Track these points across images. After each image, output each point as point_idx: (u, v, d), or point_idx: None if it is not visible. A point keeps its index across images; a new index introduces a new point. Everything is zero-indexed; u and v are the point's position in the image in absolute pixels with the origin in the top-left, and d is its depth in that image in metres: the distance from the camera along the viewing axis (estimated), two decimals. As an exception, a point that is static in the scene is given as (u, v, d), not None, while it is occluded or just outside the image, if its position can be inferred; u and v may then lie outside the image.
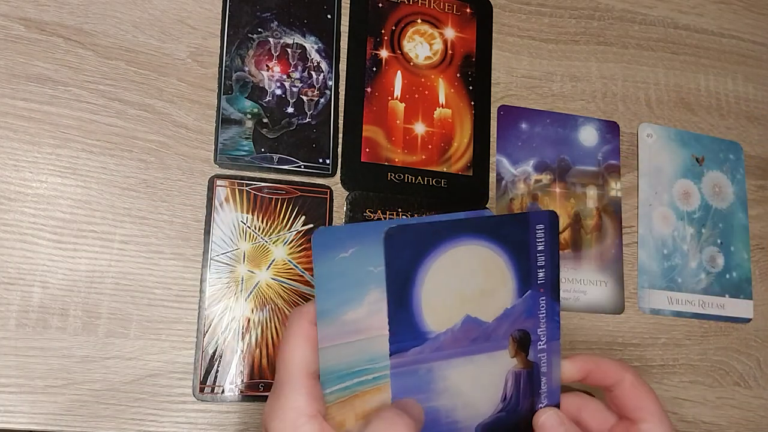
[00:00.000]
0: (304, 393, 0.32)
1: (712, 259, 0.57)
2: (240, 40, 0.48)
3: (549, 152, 0.54)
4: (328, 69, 0.50)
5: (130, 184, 0.45)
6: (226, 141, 0.47)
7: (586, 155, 0.55)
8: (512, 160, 0.53)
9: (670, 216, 0.57)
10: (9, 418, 0.40)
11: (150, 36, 0.47)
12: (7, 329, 0.41)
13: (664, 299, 0.55)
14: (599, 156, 0.55)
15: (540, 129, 0.54)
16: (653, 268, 0.55)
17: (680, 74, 0.60)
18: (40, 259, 0.42)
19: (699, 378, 0.54)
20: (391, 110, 0.51)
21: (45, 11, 0.45)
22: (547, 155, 0.54)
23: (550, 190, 0.53)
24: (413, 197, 0.50)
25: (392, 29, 0.52)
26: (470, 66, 0.54)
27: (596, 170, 0.55)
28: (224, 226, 0.45)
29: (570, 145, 0.55)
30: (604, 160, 0.55)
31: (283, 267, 0.46)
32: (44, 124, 0.44)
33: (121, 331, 0.43)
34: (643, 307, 0.54)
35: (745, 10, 0.64)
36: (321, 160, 0.48)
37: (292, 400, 0.31)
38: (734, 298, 0.57)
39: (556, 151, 0.54)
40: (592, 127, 0.56)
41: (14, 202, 0.43)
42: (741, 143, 0.60)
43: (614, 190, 0.55)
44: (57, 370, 0.41)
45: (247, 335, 0.45)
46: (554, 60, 0.57)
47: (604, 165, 0.55)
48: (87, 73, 0.45)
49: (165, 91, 0.46)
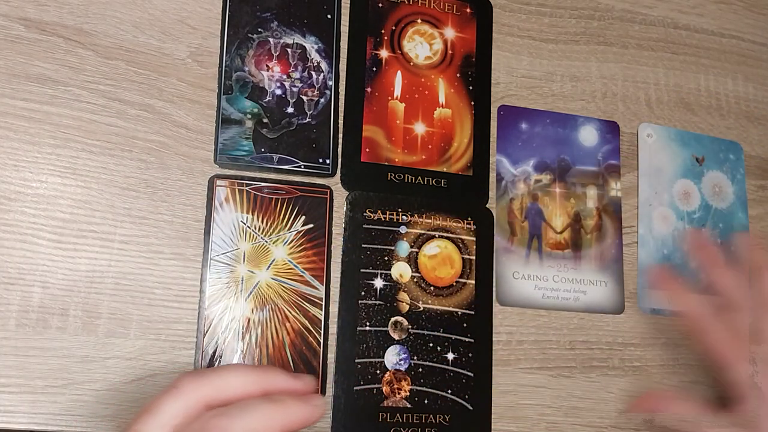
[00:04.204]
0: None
1: (713, 259, 0.57)
2: (240, 40, 0.48)
3: (549, 152, 0.54)
4: (328, 69, 0.50)
5: (130, 184, 0.45)
6: (226, 141, 0.47)
7: (586, 155, 0.55)
8: (512, 160, 0.53)
9: (670, 216, 0.57)
10: (9, 418, 0.40)
11: (150, 36, 0.47)
12: (7, 329, 0.41)
13: (664, 299, 0.55)
14: (599, 156, 0.55)
15: (540, 129, 0.54)
16: (651, 266, 0.55)
17: (680, 74, 0.60)
18: (40, 259, 0.42)
19: (699, 378, 0.54)
20: (391, 110, 0.51)
21: (45, 11, 0.45)
22: (547, 155, 0.54)
23: (550, 190, 0.53)
24: (413, 197, 0.50)
25: (392, 29, 0.52)
26: (470, 66, 0.54)
27: (596, 170, 0.55)
28: (224, 226, 0.45)
29: (570, 144, 0.55)
30: (604, 160, 0.55)
31: (283, 267, 0.46)
32: (44, 124, 0.44)
33: (121, 331, 0.43)
34: (644, 307, 0.54)
35: (745, 10, 0.64)
36: (321, 160, 0.48)
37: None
38: None
39: (556, 150, 0.54)
40: (592, 127, 0.56)
41: (14, 202, 0.43)
42: (741, 143, 0.60)
43: (614, 190, 0.55)
44: (57, 370, 0.41)
45: (247, 335, 0.45)
46: (554, 60, 0.57)
47: (604, 165, 0.55)
48: (87, 73, 0.45)
49: (165, 91, 0.46)
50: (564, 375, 0.51)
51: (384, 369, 0.47)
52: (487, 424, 0.48)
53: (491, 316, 0.50)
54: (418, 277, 0.49)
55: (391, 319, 0.48)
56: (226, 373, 0.34)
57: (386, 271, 0.48)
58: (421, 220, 0.50)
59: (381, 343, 0.47)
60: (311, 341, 0.46)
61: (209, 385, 0.33)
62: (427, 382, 0.47)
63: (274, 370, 0.35)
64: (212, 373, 0.34)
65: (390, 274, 0.48)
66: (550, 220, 0.52)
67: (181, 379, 0.33)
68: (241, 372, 0.34)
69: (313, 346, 0.46)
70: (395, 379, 0.47)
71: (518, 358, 0.50)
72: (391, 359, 0.47)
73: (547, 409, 0.50)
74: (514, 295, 0.50)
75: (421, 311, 0.48)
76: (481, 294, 0.50)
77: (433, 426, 0.47)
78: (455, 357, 0.48)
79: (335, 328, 0.46)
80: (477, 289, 0.50)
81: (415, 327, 0.48)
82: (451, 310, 0.49)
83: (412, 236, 0.49)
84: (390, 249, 0.49)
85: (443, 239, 0.50)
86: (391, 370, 0.47)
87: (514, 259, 0.51)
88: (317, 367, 0.45)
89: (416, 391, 0.47)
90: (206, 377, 0.34)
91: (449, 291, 0.49)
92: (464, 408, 0.48)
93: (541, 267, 0.52)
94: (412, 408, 0.47)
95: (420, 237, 0.49)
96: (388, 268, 0.48)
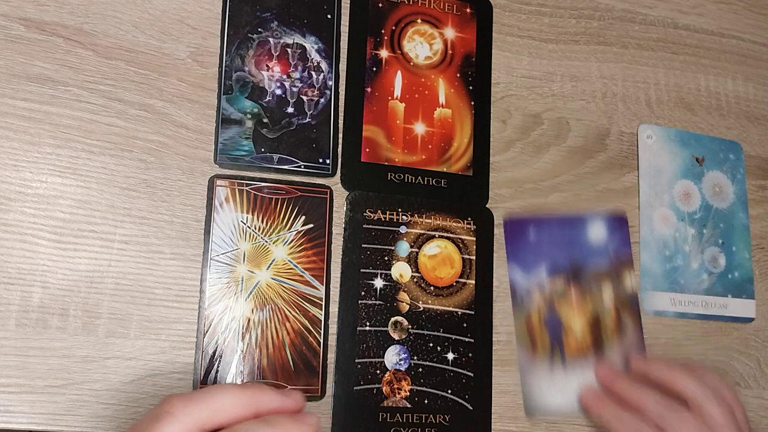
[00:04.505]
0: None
1: (714, 259, 0.57)
2: (240, 40, 0.48)
3: (559, 256, 0.52)
4: (328, 69, 0.50)
5: (130, 184, 0.45)
6: (226, 141, 0.47)
7: (597, 252, 0.53)
8: (524, 269, 0.51)
9: (670, 217, 0.57)
10: (9, 418, 0.40)
11: (150, 36, 0.47)
12: (7, 329, 0.41)
13: (667, 301, 0.55)
14: (610, 250, 0.53)
15: (548, 234, 0.52)
16: (655, 269, 0.55)
17: (680, 74, 0.60)
18: (40, 259, 0.42)
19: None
20: (391, 110, 0.51)
21: (45, 11, 0.45)
22: (558, 259, 0.52)
23: (565, 294, 0.52)
24: (413, 197, 0.50)
25: (392, 29, 0.52)
26: (470, 66, 0.54)
27: (608, 266, 0.53)
28: (224, 226, 0.45)
29: (579, 245, 0.53)
30: (614, 253, 0.53)
31: (283, 267, 0.46)
32: (44, 124, 0.44)
33: (121, 331, 0.43)
34: (647, 309, 0.54)
35: (745, 10, 0.64)
36: (321, 160, 0.48)
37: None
38: (737, 298, 0.57)
39: (566, 253, 0.52)
40: (600, 224, 0.54)
41: (14, 202, 0.43)
42: (741, 143, 0.60)
43: (629, 280, 0.53)
44: (57, 370, 0.41)
45: (247, 335, 0.45)
46: (554, 60, 0.57)
47: (615, 258, 0.53)
48: (87, 73, 0.45)
49: (165, 91, 0.46)
50: (564, 375, 0.51)
51: (384, 369, 0.47)
52: (487, 424, 0.48)
53: (491, 316, 0.50)
54: (418, 277, 0.49)
55: (391, 319, 0.48)
56: (218, 395, 0.32)
57: (386, 271, 0.48)
58: (421, 220, 0.50)
59: (381, 343, 0.47)
60: (311, 341, 0.46)
61: (203, 409, 0.32)
62: (427, 382, 0.47)
63: (263, 390, 0.34)
64: (204, 395, 0.32)
65: (390, 274, 0.48)
66: (568, 326, 0.51)
67: (172, 403, 0.32)
68: (232, 393, 0.33)
69: (313, 346, 0.46)
70: (395, 379, 0.47)
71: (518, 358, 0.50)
72: (391, 359, 0.47)
73: (547, 409, 0.50)
74: (541, 407, 0.50)
75: (421, 311, 0.48)
76: (481, 294, 0.50)
77: (433, 426, 0.47)
78: (455, 357, 0.48)
79: (335, 328, 0.46)
80: (477, 289, 0.50)
81: (415, 327, 0.48)
82: (451, 310, 0.49)
83: (412, 236, 0.49)
84: (390, 249, 0.49)
85: (443, 239, 0.50)
86: (391, 370, 0.47)
87: (538, 371, 0.50)
88: (317, 367, 0.45)
89: (416, 391, 0.47)
90: (198, 400, 0.32)
91: (449, 291, 0.49)
92: (464, 408, 0.48)
93: (566, 376, 0.50)
94: (412, 408, 0.47)
95: (420, 237, 0.49)
96: (388, 268, 0.48)
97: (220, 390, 0.33)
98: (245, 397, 0.33)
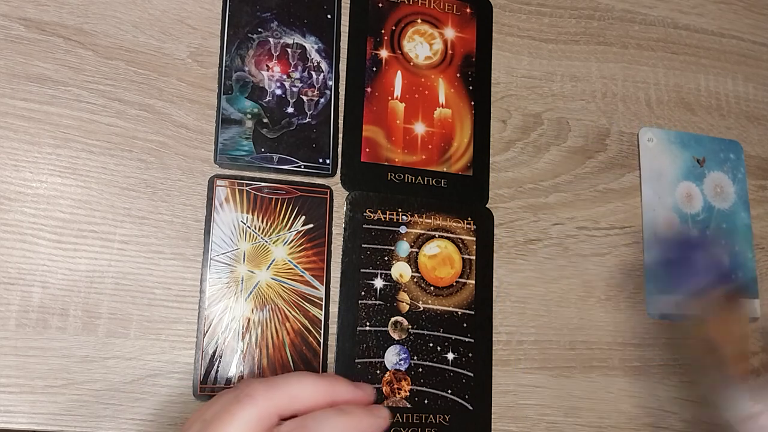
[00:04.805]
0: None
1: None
2: (240, 40, 0.48)
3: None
4: (328, 69, 0.50)
5: (130, 184, 0.45)
6: (226, 141, 0.47)
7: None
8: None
9: (674, 220, 0.57)
10: (9, 418, 0.40)
11: (150, 36, 0.47)
12: (7, 329, 0.41)
13: (671, 304, 0.55)
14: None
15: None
16: (660, 273, 0.55)
17: (680, 74, 0.60)
18: (40, 259, 0.42)
19: (700, 378, 0.54)
20: (391, 110, 0.51)
21: (45, 11, 0.45)
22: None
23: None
24: (413, 197, 0.50)
25: (392, 29, 0.52)
26: (470, 66, 0.54)
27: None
28: (224, 226, 0.45)
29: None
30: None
31: (283, 267, 0.46)
32: (44, 124, 0.44)
33: (121, 331, 0.43)
34: (652, 313, 0.54)
35: (745, 10, 0.64)
36: (321, 160, 0.48)
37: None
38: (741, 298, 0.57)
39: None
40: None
41: (14, 202, 0.43)
42: (741, 143, 0.60)
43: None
44: (57, 370, 0.41)
45: (247, 335, 0.44)
46: (554, 60, 0.57)
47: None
48: (87, 73, 0.45)
49: (165, 91, 0.46)
50: (564, 375, 0.51)
51: (384, 369, 0.47)
52: (487, 424, 0.48)
53: (491, 316, 0.50)
54: (418, 277, 0.49)
55: (391, 319, 0.48)
56: (297, 383, 0.33)
57: (386, 271, 0.48)
58: (421, 220, 0.50)
59: (381, 343, 0.47)
60: (311, 341, 0.46)
61: (283, 395, 0.32)
62: (427, 382, 0.47)
63: (339, 380, 0.34)
64: (283, 382, 0.33)
65: (390, 274, 0.48)
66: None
67: (253, 386, 0.32)
68: (310, 382, 0.33)
69: (313, 346, 0.46)
70: (395, 379, 0.47)
71: (518, 358, 0.50)
72: (391, 359, 0.47)
73: (547, 409, 0.50)
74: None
75: (421, 311, 0.48)
76: (481, 294, 0.50)
77: (433, 426, 0.47)
78: (455, 357, 0.48)
79: (335, 328, 0.46)
80: (477, 289, 0.50)
81: (415, 327, 0.48)
82: (451, 310, 0.49)
83: (412, 236, 0.49)
84: (390, 249, 0.49)
85: (443, 239, 0.50)
86: (391, 370, 0.47)
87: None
88: (317, 368, 0.45)
89: (416, 391, 0.47)
90: (278, 385, 0.33)
91: (449, 291, 0.49)
92: (464, 408, 0.48)
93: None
94: (412, 408, 0.47)
95: (420, 237, 0.49)
96: (388, 268, 0.48)
97: (299, 377, 0.33)
98: (322, 385, 0.33)
